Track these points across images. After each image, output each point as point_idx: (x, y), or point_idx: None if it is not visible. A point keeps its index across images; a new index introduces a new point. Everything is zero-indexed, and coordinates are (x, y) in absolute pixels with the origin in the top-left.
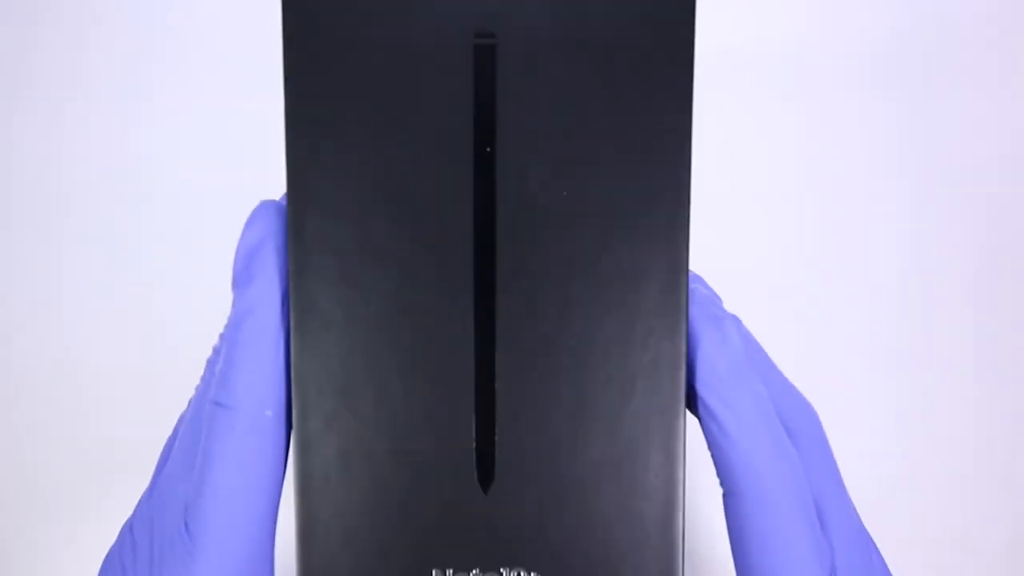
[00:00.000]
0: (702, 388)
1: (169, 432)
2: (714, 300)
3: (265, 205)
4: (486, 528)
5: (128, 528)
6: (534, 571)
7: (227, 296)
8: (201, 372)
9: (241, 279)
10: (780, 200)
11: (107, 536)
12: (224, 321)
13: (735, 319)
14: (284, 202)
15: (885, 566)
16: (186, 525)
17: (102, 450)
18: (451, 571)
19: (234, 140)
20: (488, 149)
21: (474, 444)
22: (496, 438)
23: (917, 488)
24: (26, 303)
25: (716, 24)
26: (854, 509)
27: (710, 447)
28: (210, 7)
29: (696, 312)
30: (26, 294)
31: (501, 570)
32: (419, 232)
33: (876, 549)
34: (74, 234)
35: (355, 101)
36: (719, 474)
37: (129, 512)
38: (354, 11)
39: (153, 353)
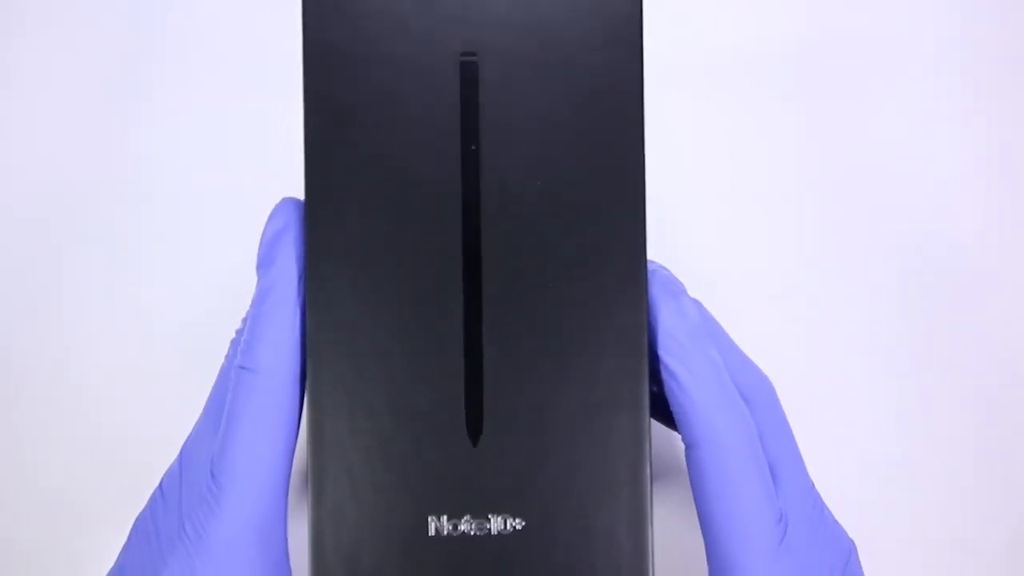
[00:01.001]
0: (663, 352)
1: (169, 431)
2: (674, 280)
3: (286, 200)
4: (476, 478)
5: (159, 490)
6: (519, 516)
7: (227, 295)
8: (202, 370)
9: (264, 261)
10: (780, 200)
11: (108, 536)
12: (225, 320)
13: (695, 301)
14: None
15: (837, 523)
16: (212, 475)
17: (102, 450)
18: (445, 517)
19: (234, 140)
20: (473, 147)
21: (464, 402)
22: (484, 396)
23: (917, 488)
24: (26, 303)
25: (716, 24)
26: (806, 471)
27: (671, 405)
28: (210, 7)
29: (657, 288)
30: (26, 294)
31: (489, 516)
32: (416, 218)
33: (827, 508)
34: (74, 234)
35: (362, 110)
36: (680, 429)
37: (129, 511)
38: (362, 34)
39: (153, 352)
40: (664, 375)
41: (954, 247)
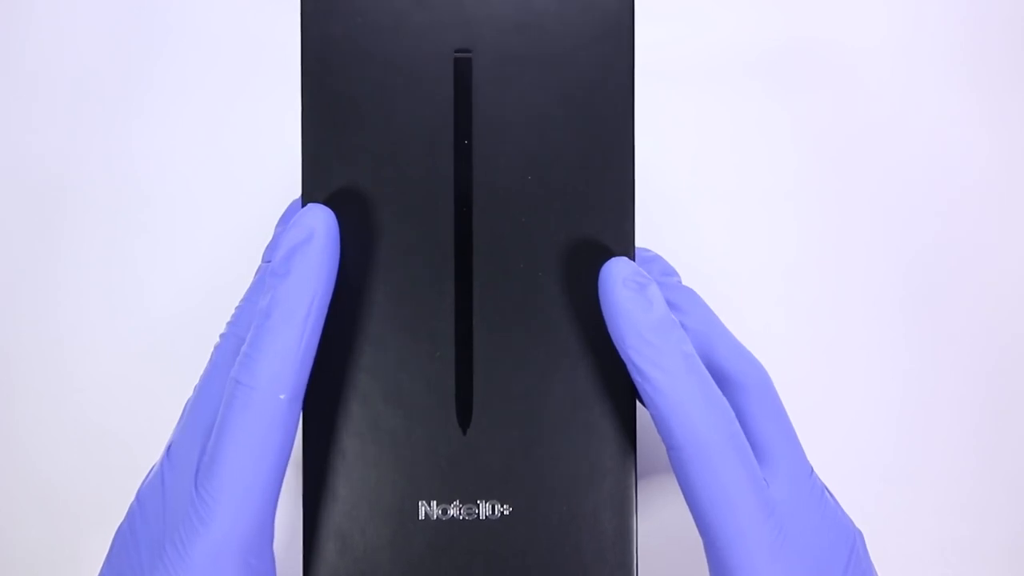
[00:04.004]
0: (632, 352)
1: (168, 431)
2: (640, 273)
3: (313, 208)
4: (465, 465)
5: (136, 502)
6: (506, 502)
7: (228, 295)
8: (200, 366)
9: (280, 270)
10: (782, 198)
11: (108, 536)
12: (218, 319)
13: (688, 290)
14: (332, 208)
15: (841, 510)
16: (197, 491)
17: (101, 450)
18: (435, 502)
19: (233, 140)
20: (466, 142)
21: (455, 390)
22: (474, 385)
23: (918, 487)
24: (25, 303)
25: (718, 23)
26: (804, 457)
27: (648, 407)
28: (210, 7)
29: (618, 283)
30: (25, 294)
31: (478, 501)
32: (409, 211)
33: (830, 494)
34: (73, 234)
35: (359, 105)
36: (659, 432)
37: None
38: (359, 31)
39: (154, 354)
40: (635, 377)
41: (956, 244)
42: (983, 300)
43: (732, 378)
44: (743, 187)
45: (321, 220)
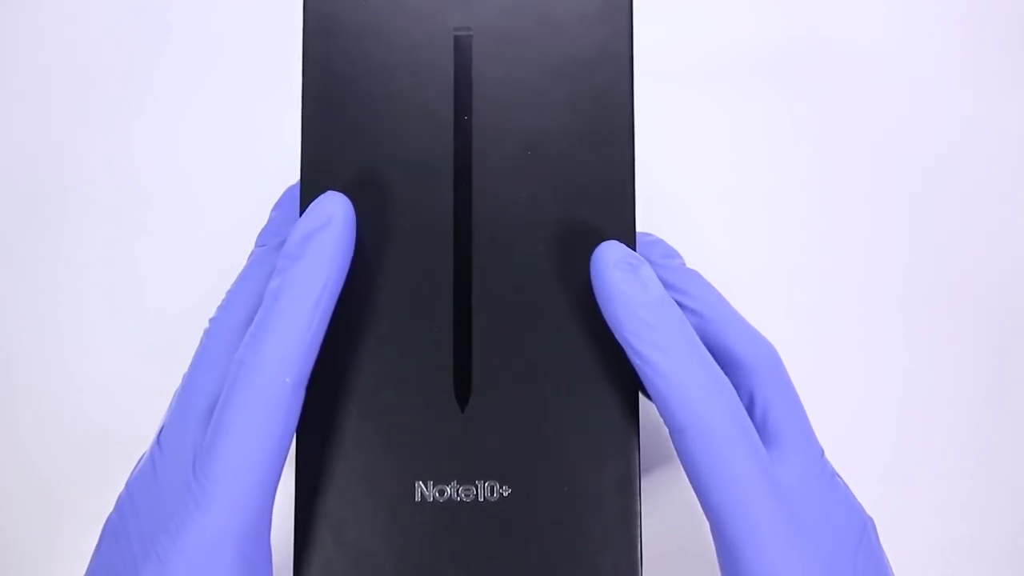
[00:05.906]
0: (629, 335)
1: None
2: (633, 255)
3: (336, 195)
4: (463, 444)
5: (126, 492)
6: (506, 483)
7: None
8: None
9: (294, 252)
10: (782, 198)
11: None
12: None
13: (692, 272)
14: (352, 200)
15: (852, 495)
16: (194, 472)
17: (101, 450)
18: (432, 483)
19: (234, 140)
20: (466, 118)
21: (452, 367)
22: (472, 362)
23: (917, 488)
24: (25, 303)
25: (719, 22)
26: (815, 440)
27: (649, 391)
28: (210, 7)
29: (611, 263)
30: (25, 294)
31: (476, 482)
32: (408, 188)
33: (841, 479)
34: (73, 234)
35: (360, 82)
36: (662, 415)
37: None
38: (360, 9)
39: (154, 352)
40: (634, 360)
41: (957, 247)
42: (983, 300)
43: (741, 360)
44: (743, 187)
45: (340, 207)
